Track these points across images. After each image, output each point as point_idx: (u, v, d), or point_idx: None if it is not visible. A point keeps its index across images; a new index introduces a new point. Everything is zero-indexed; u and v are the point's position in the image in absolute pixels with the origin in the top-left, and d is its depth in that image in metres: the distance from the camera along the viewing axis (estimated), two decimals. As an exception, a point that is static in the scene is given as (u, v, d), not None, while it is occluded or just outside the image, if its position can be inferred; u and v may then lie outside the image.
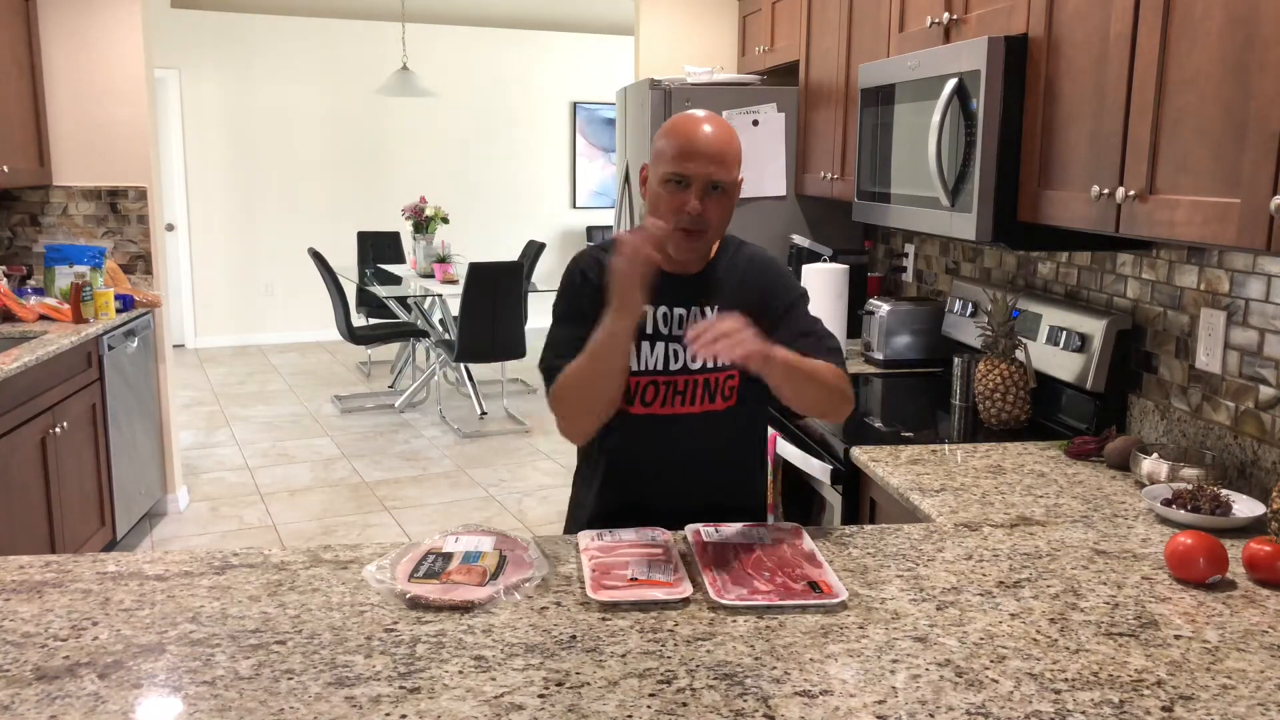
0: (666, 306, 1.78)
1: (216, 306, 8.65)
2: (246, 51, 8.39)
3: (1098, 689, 1.20)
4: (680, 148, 1.67)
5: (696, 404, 1.79)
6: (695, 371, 1.78)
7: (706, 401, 1.80)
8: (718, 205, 1.69)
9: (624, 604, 1.42)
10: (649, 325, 1.77)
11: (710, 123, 1.70)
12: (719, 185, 1.68)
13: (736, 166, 1.71)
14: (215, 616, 1.38)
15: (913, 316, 3.11)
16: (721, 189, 1.69)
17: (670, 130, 1.71)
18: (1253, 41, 1.49)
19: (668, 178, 1.68)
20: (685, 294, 1.79)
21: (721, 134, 1.69)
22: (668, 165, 1.68)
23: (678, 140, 1.68)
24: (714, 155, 1.67)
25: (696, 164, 1.66)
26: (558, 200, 9.48)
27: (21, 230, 4.38)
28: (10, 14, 3.95)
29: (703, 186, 1.67)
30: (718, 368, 1.78)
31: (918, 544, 1.68)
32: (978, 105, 2.15)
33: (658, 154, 1.72)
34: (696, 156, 1.66)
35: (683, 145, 1.67)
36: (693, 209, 1.67)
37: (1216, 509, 1.76)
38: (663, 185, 1.69)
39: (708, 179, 1.67)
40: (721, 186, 1.69)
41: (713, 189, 1.68)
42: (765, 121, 3.66)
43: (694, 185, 1.67)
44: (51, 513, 3.40)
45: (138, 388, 4.24)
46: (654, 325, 1.77)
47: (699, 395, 1.79)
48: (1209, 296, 2.09)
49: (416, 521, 4.60)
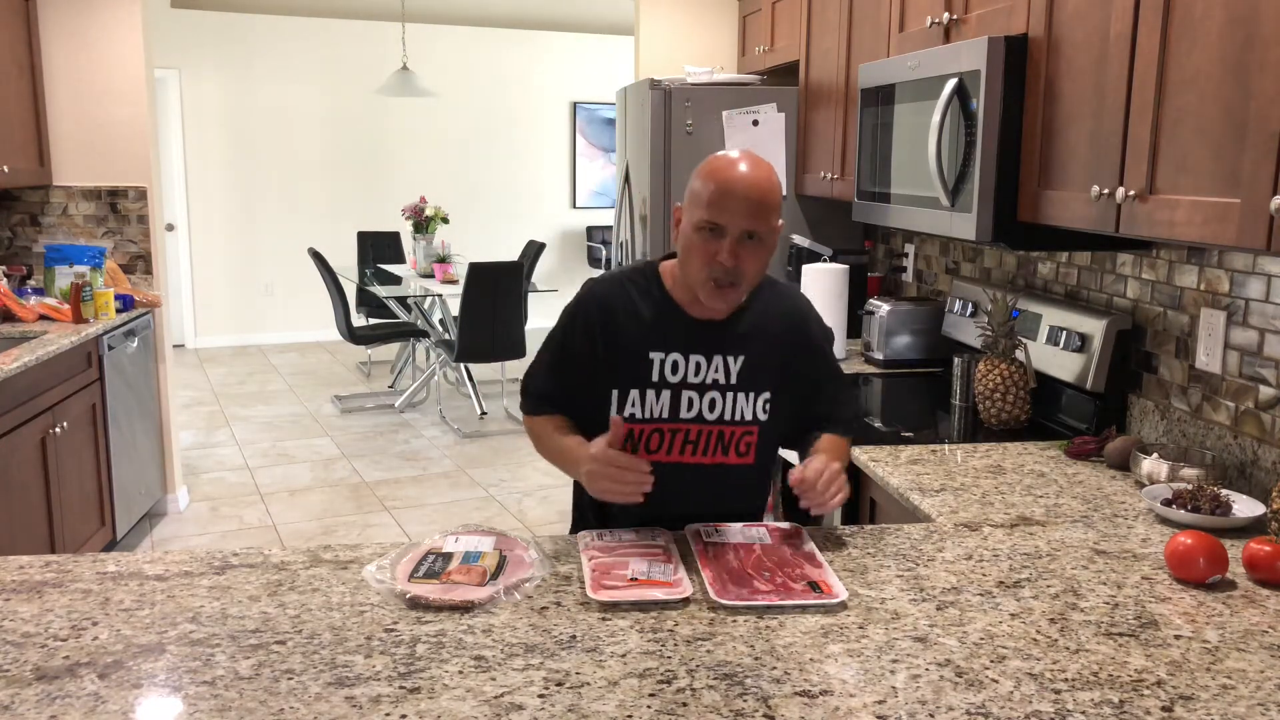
0: (680, 354, 1.69)
1: (216, 306, 8.65)
2: (246, 51, 8.39)
3: (1098, 689, 1.20)
4: (716, 194, 1.57)
5: (708, 455, 1.72)
6: (710, 423, 1.70)
7: (719, 454, 1.72)
8: (753, 255, 1.60)
9: (624, 604, 1.42)
10: (654, 373, 1.69)
11: (750, 166, 1.60)
12: (755, 235, 1.59)
13: (776, 214, 1.61)
14: (215, 616, 1.38)
15: (913, 316, 3.11)
16: (758, 238, 1.59)
17: (707, 173, 1.61)
18: (1253, 41, 1.49)
19: (701, 225, 1.59)
20: (708, 343, 1.70)
21: (761, 179, 1.59)
22: (703, 211, 1.58)
23: (713, 184, 1.58)
24: (752, 203, 1.57)
25: (732, 214, 1.57)
26: (558, 200, 9.48)
27: (21, 230, 4.37)
28: (10, 14, 3.95)
29: (737, 236, 1.58)
30: (735, 421, 1.71)
31: (918, 544, 1.68)
32: (978, 105, 2.15)
33: (693, 197, 1.61)
34: (733, 205, 1.57)
35: (719, 191, 1.57)
36: (725, 261, 1.57)
37: (1216, 509, 1.76)
38: (695, 232, 1.60)
39: (742, 229, 1.57)
40: (758, 236, 1.59)
41: (748, 238, 1.58)
42: (765, 121, 3.66)
43: (728, 235, 1.57)
44: (51, 513, 3.40)
45: (138, 388, 4.24)
46: (660, 373, 1.69)
47: (711, 446, 1.72)
48: (1209, 296, 2.09)
49: (416, 521, 4.60)
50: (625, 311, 1.71)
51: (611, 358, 1.70)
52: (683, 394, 1.70)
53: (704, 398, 1.70)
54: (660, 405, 1.70)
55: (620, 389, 1.70)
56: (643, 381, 1.69)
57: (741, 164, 1.60)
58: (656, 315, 1.71)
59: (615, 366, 1.70)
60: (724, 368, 1.70)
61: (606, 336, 1.70)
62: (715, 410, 1.70)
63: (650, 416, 1.70)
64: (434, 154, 9.00)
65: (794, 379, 1.76)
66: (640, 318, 1.70)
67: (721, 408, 1.70)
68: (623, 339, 1.70)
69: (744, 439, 1.73)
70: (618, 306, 1.71)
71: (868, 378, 3.05)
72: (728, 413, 1.71)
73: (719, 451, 1.73)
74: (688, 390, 1.70)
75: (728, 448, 1.73)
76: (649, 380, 1.69)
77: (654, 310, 1.71)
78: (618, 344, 1.70)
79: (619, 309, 1.71)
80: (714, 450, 1.72)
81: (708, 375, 1.70)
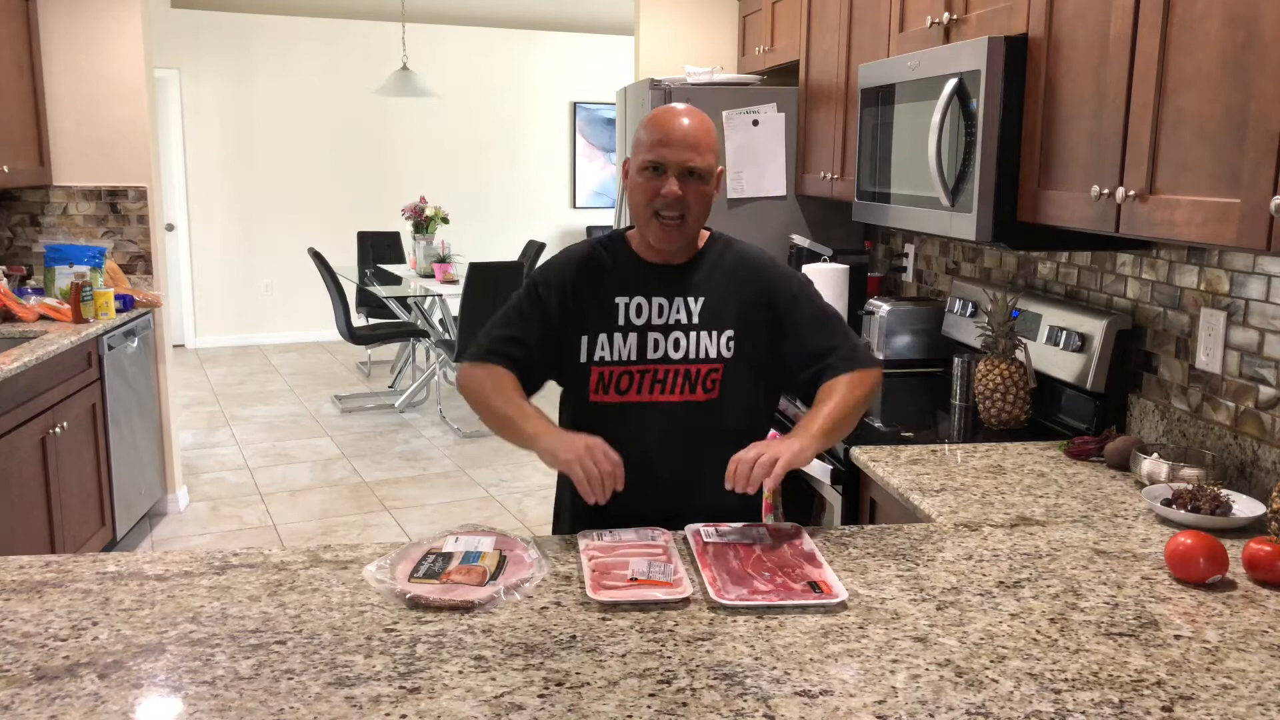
0: (644, 297, 1.80)
1: (216, 306, 8.65)
2: (246, 51, 8.39)
3: (1098, 689, 1.20)
4: (657, 136, 1.73)
5: (675, 393, 1.80)
6: (675, 361, 1.80)
7: (686, 391, 1.80)
8: (695, 192, 1.73)
9: (624, 604, 1.42)
10: (620, 316, 1.80)
11: (687, 115, 1.75)
12: (695, 171, 1.72)
13: (713, 155, 1.75)
14: (215, 616, 1.38)
15: (913, 316, 3.11)
16: (698, 175, 1.73)
17: (648, 121, 1.77)
18: (1253, 41, 1.49)
19: (645, 165, 1.74)
20: (666, 285, 1.82)
21: (697, 123, 1.74)
22: (645, 153, 1.74)
23: (654, 129, 1.74)
24: (690, 142, 1.72)
25: (672, 150, 1.71)
26: (558, 200, 9.48)
27: (21, 230, 4.37)
28: (10, 14, 3.95)
29: (679, 172, 1.72)
30: (700, 358, 1.80)
31: (918, 544, 1.68)
32: (978, 105, 2.15)
33: (636, 144, 1.78)
34: (672, 143, 1.72)
35: (659, 133, 1.73)
36: (669, 193, 1.71)
37: (1216, 509, 1.76)
38: (640, 173, 1.75)
39: (683, 164, 1.71)
40: (698, 173, 1.73)
41: (689, 175, 1.72)
42: (765, 121, 3.66)
43: (670, 170, 1.72)
44: (51, 513, 3.40)
45: (138, 388, 4.24)
46: (626, 316, 1.80)
47: (678, 384, 1.80)
48: (1209, 296, 2.09)
49: (416, 521, 4.60)
50: (592, 265, 1.84)
51: (580, 306, 1.81)
52: (648, 335, 1.80)
53: (668, 338, 1.80)
54: (628, 348, 1.80)
55: (589, 334, 1.80)
56: (610, 325, 1.80)
57: (682, 115, 1.75)
58: (620, 265, 1.84)
59: (584, 313, 1.81)
60: (685, 308, 1.81)
61: (574, 289, 1.82)
62: (680, 349, 1.80)
63: (619, 359, 1.80)
64: (434, 154, 8.99)
65: (767, 324, 1.81)
66: (605, 268, 1.84)
67: (686, 346, 1.80)
68: (590, 289, 1.82)
69: (709, 376, 1.81)
70: (585, 262, 1.84)
71: (868, 378, 3.05)
72: (692, 351, 1.80)
73: (686, 389, 1.81)
74: (653, 332, 1.80)
75: (694, 385, 1.81)
76: (615, 324, 1.80)
77: (618, 261, 1.84)
78: (585, 294, 1.82)
79: (587, 265, 1.84)
80: (681, 388, 1.81)
81: (670, 316, 1.81)
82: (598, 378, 1.80)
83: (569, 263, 1.85)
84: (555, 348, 1.82)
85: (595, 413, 1.81)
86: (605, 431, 1.76)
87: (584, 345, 1.80)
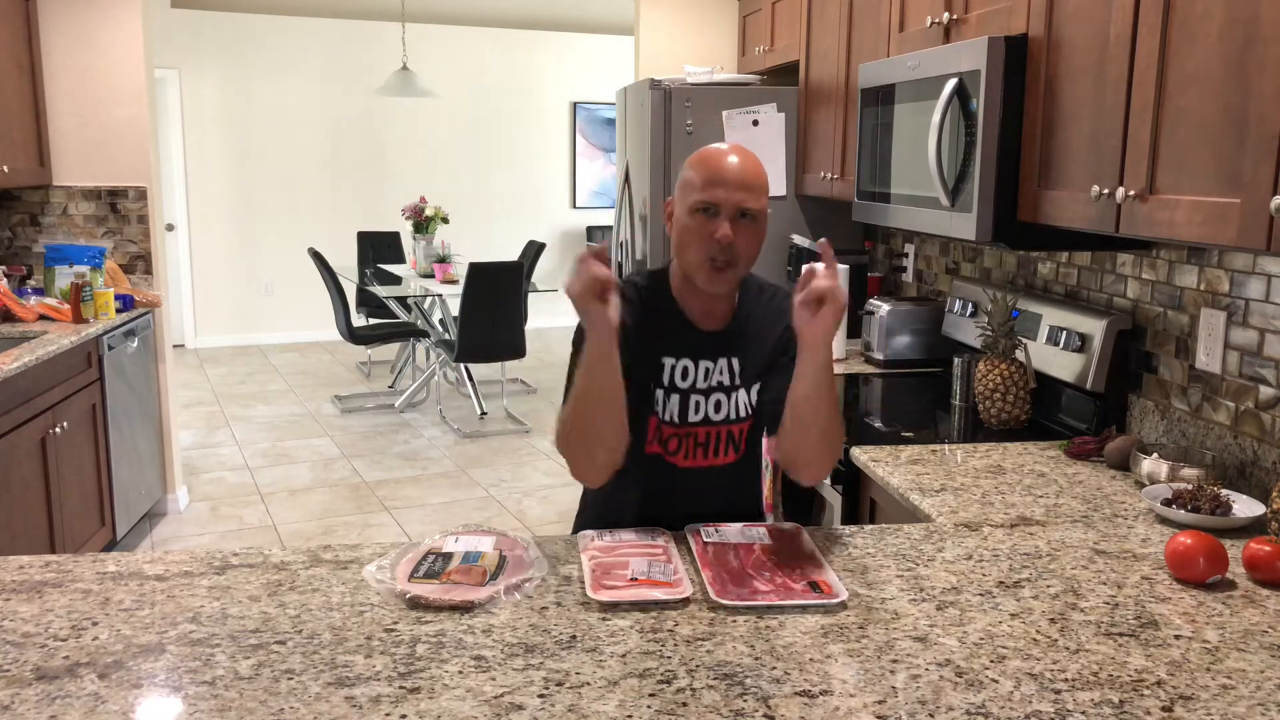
0: (690, 360, 1.74)
1: (216, 306, 8.65)
2: (246, 51, 8.40)
3: (1098, 689, 1.20)
4: (709, 176, 1.65)
5: (718, 456, 1.76)
6: (716, 423, 1.75)
7: (730, 453, 1.77)
8: (747, 234, 1.66)
9: (624, 604, 1.42)
10: (665, 377, 1.73)
11: (737, 153, 1.68)
12: (748, 213, 1.65)
13: (765, 196, 1.69)
14: (215, 616, 1.38)
15: (913, 316, 3.12)
16: (751, 217, 1.66)
17: (698, 161, 1.69)
18: (1253, 41, 1.49)
19: (696, 207, 1.65)
20: (714, 349, 1.75)
21: (750, 163, 1.68)
22: (696, 194, 1.66)
23: (706, 169, 1.66)
24: (744, 183, 1.65)
25: (726, 190, 1.64)
26: (558, 200, 9.48)
27: (21, 230, 4.37)
28: (10, 14, 3.95)
29: (733, 214, 1.64)
30: (738, 418, 1.75)
31: (918, 544, 1.68)
32: (978, 105, 2.15)
33: (685, 184, 1.69)
34: (727, 184, 1.64)
35: (711, 173, 1.65)
36: (724, 236, 1.63)
37: (1216, 509, 1.76)
38: (691, 215, 1.66)
39: (737, 206, 1.64)
40: (751, 214, 1.66)
41: (741, 216, 1.65)
42: (765, 121, 3.66)
43: (723, 212, 1.64)
44: (51, 513, 3.40)
45: (138, 388, 4.24)
46: (671, 378, 1.73)
47: (720, 446, 1.76)
48: (1209, 296, 2.09)
49: (416, 521, 4.60)
50: (640, 316, 1.73)
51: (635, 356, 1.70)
52: (690, 398, 1.75)
53: (709, 399, 1.75)
54: (670, 409, 1.74)
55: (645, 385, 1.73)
56: (656, 382, 1.74)
57: (729, 150, 1.69)
58: (667, 322, 1.75)
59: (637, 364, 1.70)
60: (728, 369, 1.75)
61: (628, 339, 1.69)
62: (721, 411, 1.75)
63: (666, 419, 1.75)
64: (434, 154, 9.00)
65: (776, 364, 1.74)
66: (653, 323, 1.74)
67: (726, 408, 1.76)
68: (640, 341, 1.72)
69: (745, 433, 1.79)
70: (635, 313, 1.72)
71: (868, 378, 3.05)
72: (731, 411, 1.76)
73: (729, 450, 1.77)
74: (695, 395, 1.75)
75: (737, 444, 1.78)
76: (660, 382, 1.74)
77: (665, 317, 1.75)
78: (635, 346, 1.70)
79: (636, 315, 1.72)
80: (725, 450, 1.77)
81: (714, 378, 1.75)
82: (654, 429, 1.74)
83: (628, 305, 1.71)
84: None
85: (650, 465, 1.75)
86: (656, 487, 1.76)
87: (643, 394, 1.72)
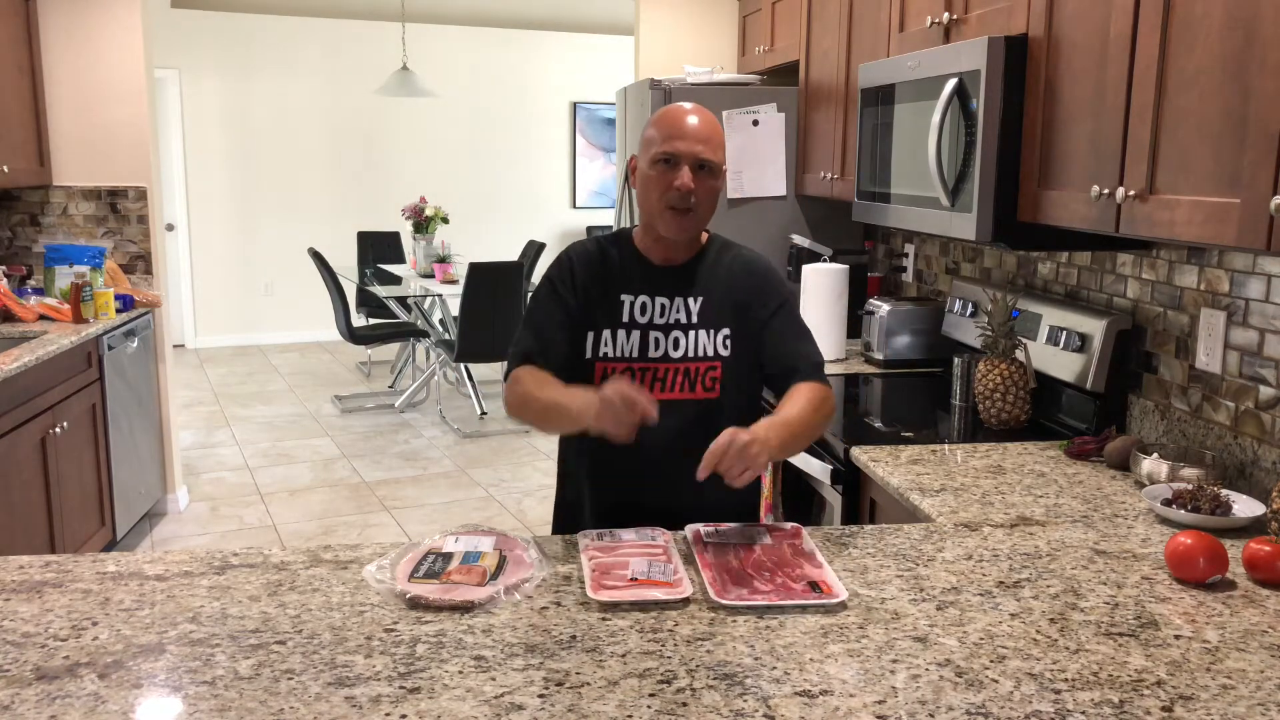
0: (648, 296, 1.84)
1: (216, 306, 8.65)
2: (246, 51, 8.39)
3: (1098, 689, 1.20)
4: (668, 130, 1.77)
5: (676, 391, 1.83)
6: (675, 360, 1.83)
7: (686, 390, 1.83)
8: (705, 186, 1.77)
9: (624, 604, 1.42)
10: (625, 314, 1.83)
11: (696, 112, 1.80)
12: (706, 164, 1.76)
13: (722, 151, 1.80)
14: (215, 616, 1.38)
15: (913, 316, 3.11)
16: (709, 169, 1.77)
17: (658, 118, 1.81)
18: (1253, 41, 1.49)
19: (657, 158, 1.77)
20: (668, 285, 1.85)
21: (707, 119, 1.79)
22: (657, 147, 1.77)
23: (666, 124, 1.78)
24: (702, 136, 1.77)
25: (685, 143, 1.76)
26: (558, 200, 9.48)
27: (21, 230, 4.37)
28: (10, 14, 3.95)
29: (691, 164, 1.75)
30: (698, 357, 1.83)
31: (918, 544, 1.68)
32: (978, 105, 2.15)
33: (647, 141, 1.81)
34: (685, 137, 1.76)
35: (671, 128, 1.77)
36: (683, 183, 1.74)
37: (1216, 509, 1.76)
38: (652, 166, 1.78)
39: (695, 157, 1.75)
40: (709, 166, 1.77)
41: (700, 168, 1.76)
42: (765, 121, 3.66)
43: (683, 162, 1.76)
44: (51, 513, 3.40)
45: (138, 388, 4.24)
46: (630, 314, 1.83)
47: (678, 383, 1.83)
48: (1209, 296, 2.09)
49: (416, 521, 4.60)
50: (599, 262, 1.88)
51: (587, 302, 1.85)
52: (650, 334, 1.84)
53: (669, 337, 1.84)
54: (630, 344, 1.84)
55: (595, 330, 1.84)
56: (615, 321, 1.84)
57: (689, 109, 1.81)
58: (626, 263, 1.88)
59: (590, 309, 1.84)
60: (685, 308, 1.84)
61: (584, 285, 1.85)
62: (680, 348, 1.84)
63: (622, 355, 1.84)
64: (434, 154, 9.00)
65: (754, 323, 1.85)
66: (611, 266, 1.87)
67: (685, 345, 1.84)
68: (597, 285, 1.85)
69: (708, 374, 1.84)
70: (593, 259, 1.88)
71: (868, 378, 3.05)
72: (691, 349, 1.84)
73: (686, 387, 1.84)
74: (654, 330, 1.84)
75: (694, 383, 1.84)
76: (620, 320, 1.84)
77: (624, 260, 1.88)
78: (591, 290, 1.85)
79: (594, 261, 1.87)
80: (681, 386, 1.84)
81: (671, 315, 1.84)
82: (601, 373, 1.82)
83: (578, 258, 1.88)
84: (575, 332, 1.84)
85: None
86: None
87: (589, 341, 1.83)
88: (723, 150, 1.80)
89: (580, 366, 1.83)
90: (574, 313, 1.84)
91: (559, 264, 1.90)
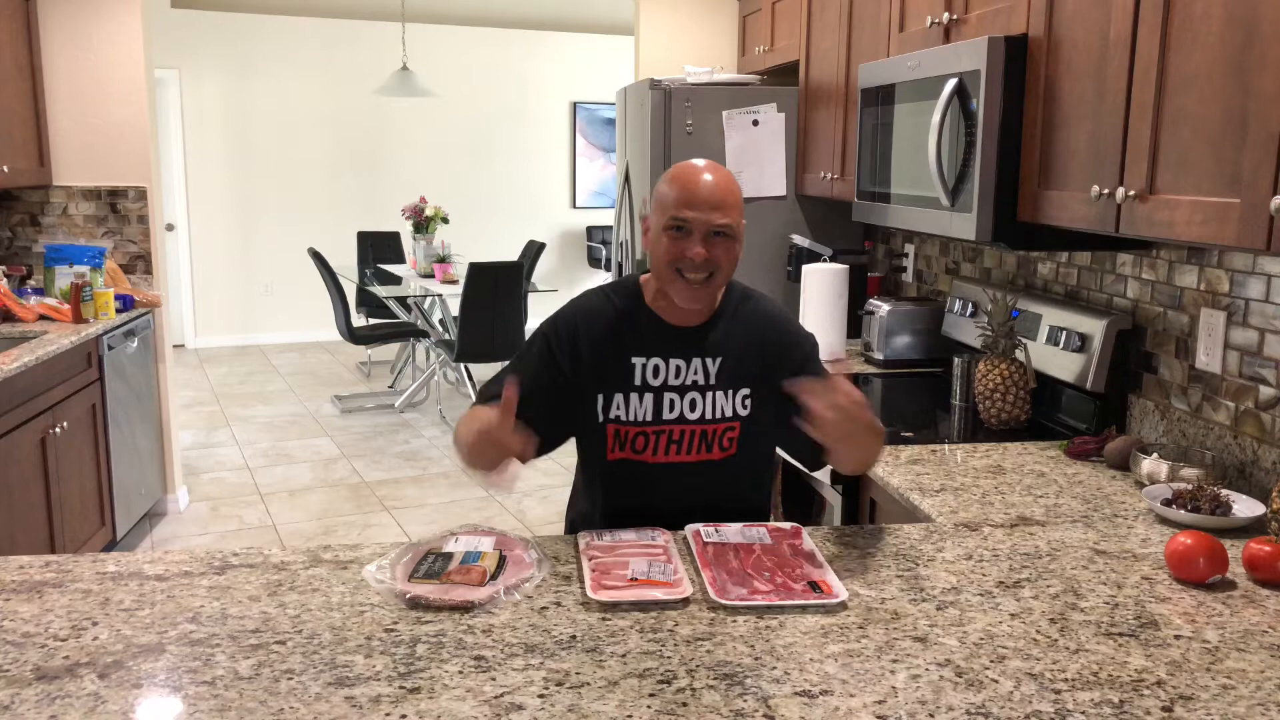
0: (661, 358, 1.76)
1: (216, 306, 8.65)
2: (246, 51, 8.39)
3: (1098, 689, 1.21)
4: (681, 195, 1.68)
5: (692, 453, 1.77)
6: (692, 422, 1.76)
7: (703, 451, 1.77)
8: (723, 250, 1.69)
9: (624, 604, 1.42)
10: (637, 377, 1.75)
11: (710, 171, 1.71)
12: (720, 231, 1.68)
13: (738, 211, 1.71)
14: (215, 616, 1.38)
15: (913, 316, 3.12)
16: (724, 234, 1.69)
17: (670, 178, 1.72)
18: (1253, 41, 1.49)
19: (669, 225, 1.69)
20: (684, 347, 1.77)
21: (722, 181, 1.70)
22: (670, 211, 1.69)
23: (679, 186, 1.69)
24: (715, 202, 1.68)
25: (697, 211, 1.67)
26: (558, 200, 9.48)
27: (21, 230, 4.37)
28: (10, 14, 3.95)
29: (705, 232, 1.67)
30: (716, 419, 1.76)
31: (918, 544, 1.68)
32: (978, 105, 2.15)
33: (659, 201, 1.72)
34: (697, 204, 1.67)
35: (683, 192, 1.68)
36: (695, 254, 1.67)
37: (1216, 509, 1.76)
38: (664, 232, 1.70)
39: (709, 225, 1.67)
40: (724, 232, 1.68)
41: (714, 235, 1.68)
42: (765, 121, 3.66)
43: (695, 232, 1.67)
44: (51, 513, 3.40)
45: (138, 388, 4.24)
46: (643, 377, 1.75)
47: (695, 444, 1.77)
48: (1209, 296, 2.09)
49: (416, 521, 4.60)
50: (606, 321, 1.78)
51: (595, 364, 1.76)
52: (665, 396, 1.76)
53: (684, 398, 1.76)
54: (644, 408, 1.76)
55: (605, 393, 1.76)
56: (627, 385, 1.76)
57: (705, 171, 1.71)
58: (639, 324, 1.78)
59: (599, 372, 1.76)
60: (703, 369, 1.77)
61: (589, 350, 1.76)
62: (696, 410, 1.76)
63: (635, 420, 1.76)
64: (434, 154, 8.99)
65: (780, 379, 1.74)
66: (622, 327, 1.78)
67: (702, 407, 1.77)
68: (605, 347, 1.77)
69: (726, 434, 1.78)
70: (601, 321, 1.78)
71: (868, 378, 3.05)
72: (708, 411, 1.77)
73: (703, 449, 1.78)
74: (669, 392, 1.76)
75: (711, 444, 1.78)
76: (632, 384, 1.76)
77: (635, 318, 1.79)
78: (599, 351, 1.76)
79: (603, 323, 1.78)
80: (698, 448, 1.78)
81: (688, 376, 1.76)
82: (614, 436, 1.76)
83: (584, 323, 1.78)
84: (568, 403, 1.76)
85: (615, 470, 1.79)
86: (626, 490, 1.78)
87: (599, 403, 1.76)
88: (740, 210, 1.71)
89: (592, 429, 1.77)
90: (563, 380, 1.75)
91: (563, 325, 1.79)
